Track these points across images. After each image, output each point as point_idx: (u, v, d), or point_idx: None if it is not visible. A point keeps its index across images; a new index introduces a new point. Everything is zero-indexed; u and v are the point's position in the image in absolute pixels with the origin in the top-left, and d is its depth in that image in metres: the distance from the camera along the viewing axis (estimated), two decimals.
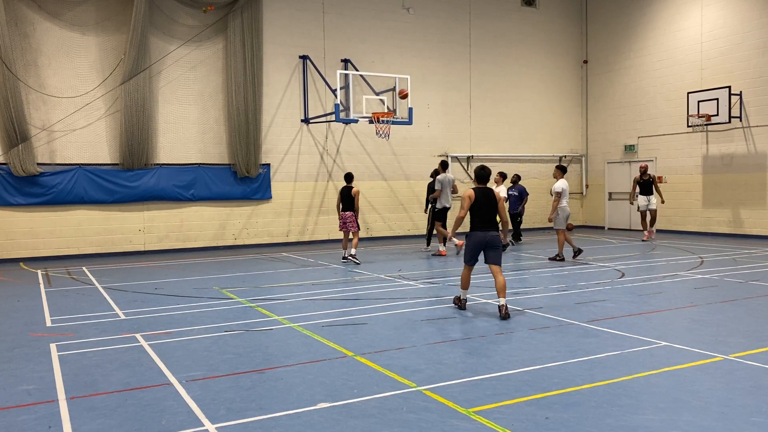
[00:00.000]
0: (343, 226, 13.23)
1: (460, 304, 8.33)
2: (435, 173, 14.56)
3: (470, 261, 8.22)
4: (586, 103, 22.17)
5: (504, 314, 7.71)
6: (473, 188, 8.21)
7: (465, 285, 8.30)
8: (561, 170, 13.30)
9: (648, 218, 17.06)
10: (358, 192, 13.22)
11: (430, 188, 14.84)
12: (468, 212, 8.10)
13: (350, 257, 13.33)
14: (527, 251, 14.94)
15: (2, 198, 14.46)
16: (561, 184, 13.03)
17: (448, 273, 11.63)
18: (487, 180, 8.31)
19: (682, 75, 18.77)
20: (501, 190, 15.20)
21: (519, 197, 16.37)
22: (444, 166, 14.56)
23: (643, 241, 16.80)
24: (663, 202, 17.17)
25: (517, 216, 16.50)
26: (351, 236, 13.43)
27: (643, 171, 17.03)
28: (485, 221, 8.06)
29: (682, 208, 18.85)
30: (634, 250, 14.73)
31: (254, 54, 16.61)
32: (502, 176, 15.82)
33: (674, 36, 19.01)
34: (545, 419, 4.47)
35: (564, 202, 13.00)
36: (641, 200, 16.94)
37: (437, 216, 14.38)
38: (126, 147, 15.33)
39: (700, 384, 5.21)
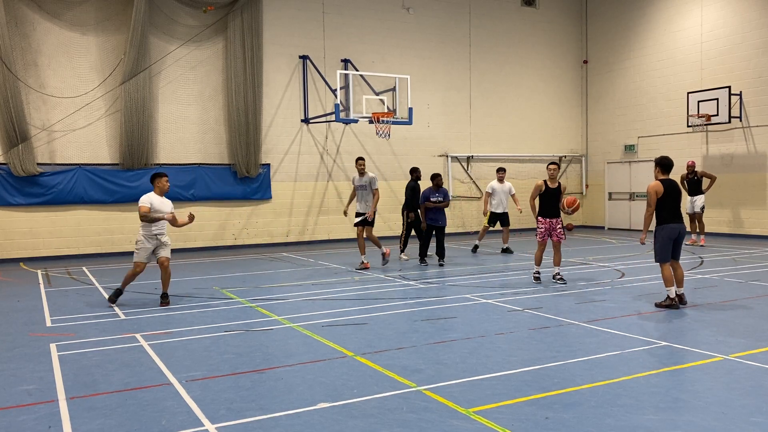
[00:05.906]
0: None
1: (672, 302, 8.03)
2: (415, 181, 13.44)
3: (667, 257, 8.06)
4: (586, 103, 22.17)
5: (684, 301, 8.17)
6: (660, 180, 8.08)
7: (671, 282, 8.05)
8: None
9: (696, 222, 15.30)
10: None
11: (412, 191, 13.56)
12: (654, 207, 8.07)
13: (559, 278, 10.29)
14: (527, 251, 14.90)
15: (2, 198, 14.45)
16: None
17: (447, 273, 11.63)
18: (671, 170, 8.21)
19: (682, 75, 18.76)
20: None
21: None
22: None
23: (693, 245, 15.14)
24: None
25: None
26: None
27: (691, 169, 15.30)
28: (675, 214, 8.08)
29: (681, 208, 18.79)
30: (634, 250, 14.71)
31: (254, 54, 16.60)
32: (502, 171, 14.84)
33: (674, 36, 19.00)
34: (545, 419, 4.47)
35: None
36: (687, 201, 15.03)
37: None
38: (126, 147, 15.33)
39: (700, 384, 5.21)
